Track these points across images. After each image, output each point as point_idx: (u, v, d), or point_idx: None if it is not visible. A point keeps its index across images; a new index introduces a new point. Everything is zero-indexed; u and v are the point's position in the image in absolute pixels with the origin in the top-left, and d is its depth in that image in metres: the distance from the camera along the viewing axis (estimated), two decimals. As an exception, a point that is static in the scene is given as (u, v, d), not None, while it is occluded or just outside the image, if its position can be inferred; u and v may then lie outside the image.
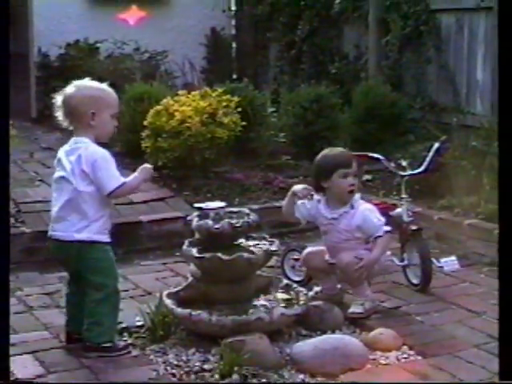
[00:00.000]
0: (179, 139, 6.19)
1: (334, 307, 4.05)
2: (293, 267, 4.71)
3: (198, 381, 3.46)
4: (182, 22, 10.46)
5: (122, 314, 3.92)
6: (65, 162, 3.70)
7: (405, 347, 3.77)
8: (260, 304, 3.96)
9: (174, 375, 3.51)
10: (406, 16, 7.96)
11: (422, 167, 4.79)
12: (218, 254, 3.78)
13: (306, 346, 3.64)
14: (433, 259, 4.57)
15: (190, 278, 4.08)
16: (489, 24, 7.15)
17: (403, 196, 4.71)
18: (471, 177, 5.63)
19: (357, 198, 4.18)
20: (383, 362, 3.64)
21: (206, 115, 6.27)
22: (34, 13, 9.41)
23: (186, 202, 5.98)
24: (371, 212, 4.14)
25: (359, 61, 8.77)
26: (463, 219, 5.41)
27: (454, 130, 6.63)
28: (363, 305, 4.11)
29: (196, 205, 4.24)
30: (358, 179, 4.21)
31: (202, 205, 4.13)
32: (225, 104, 6.46)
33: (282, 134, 7.51)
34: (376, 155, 4.76)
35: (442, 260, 4.65)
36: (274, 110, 7.69)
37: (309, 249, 4.40)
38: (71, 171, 3.66)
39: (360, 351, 3.64)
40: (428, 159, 4.79)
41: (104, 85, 3.83)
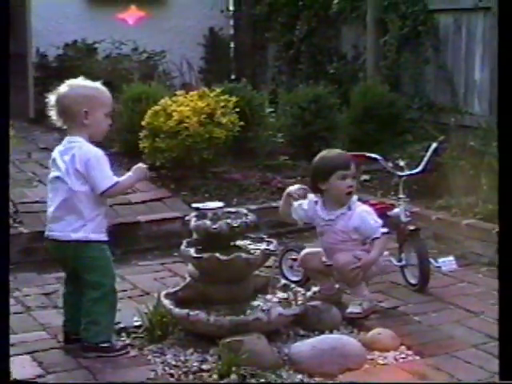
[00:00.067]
0: (177, 139, 6.19)
1: (332, 307, 4.05)
2: (291, 267, 4.71)
3: (196, 381, 3.46)
4: (180, 22, 10.44)
5: (120, 314, 3.93)
6: (59, 162, 3.70)
7: (403, 347, 3.77)
8: (258, 304, 3.96)
9: (172, 375, 3.51)
10: (404, 16, 7.96)
11: (420, 167, 4.80)
12: (216, 254, 3.78)
13: (304, 346, 3.64)
14: (431, 259, 4.57)
15: (188, 278, 4.08)
16: (487, 24, 7.15)
17: (401, 196, 4.71)
18: (469, 177, 5.63)
19: (354, 199, 4.18)
20: (381, 362, 3.64)
21: (204, 115, 6.27)
22: (32, 13, 9.36)
23: (184, 202, 5.98)
24: (368, 214, 4.15)
25: (357, 61, 8.77)
26: (461, 219, 5.41)
27: (452, 130, 6.62)
28: (361, 305, 4.11)
29: (194, 205, 4.24)
30: (355, 181, 4.22)
31: (200, 205, 4.13)
32: (223, 104, 6.45)
33: (280, 135, 7.50)
34: (374, 155, 4.75)
35: (440, 260, 4.65)
36: (272, 110, 7.68)
37: (306, 250, 4.40)
38: (66, 171, 3.66)
39: (358, 351, 3.64)
40: (426, 159, 4.79)
41: (97, 83, 3.82)
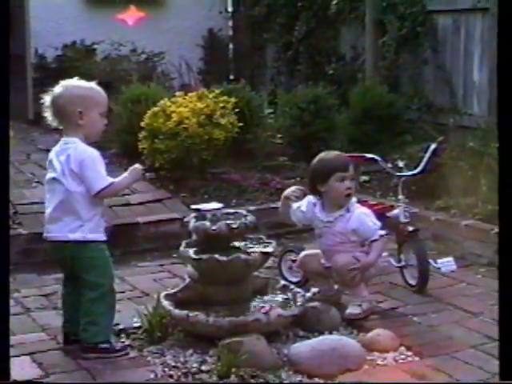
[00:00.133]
0: (176, 140, 6.19)
1: (332, 308, 4.04)
2: (290, 268, 4.71)
3: (195, 382, 3.46)
4: (179, 24, 10.46)
5: (120, 315, 3.93)
6: (55, 163, 3.69)
7: (402, 348, 3.77)
8: (257, 305, 3.96)
9: (171, 376, 3.51)
10: (402, 17, 7.97)
11: (419, 168, 4.79)
12: (215, 256, 3.78)
13: (303, 347, 3.63)
14: (430, 260, 4.57)
15: (188, 280, 4.08)
16: (485, 25, 7.15)
17: (400, 197, 4.71)
18: (468, 178, 5.63)
19: (353, 201, 4.18)
20: (381, 362, 3.64)
21: (203, 116, 6.27)
22: (30, 14, 9.37)
23: (183, 203, 5.98)
24: (367, 216, 4.14)
25: (356, 62, 8.77)
26: (460, 220, 5.41)
27: (451, 131, 6.63)
28: (360, 306, 4.11)
29: (193, 206, 4.24)
30: (354, 182, 4.22)
31: (199, 206, 4.13)
32: (222, 105, 6.46)
33: (279, 135, 7.51)
34: (373, 156, 4.75)
35: (439, 261, 4.65)
36: (271, 111, 7.69)
37: (305, 252, 4.40)
38: (61, 172, 3.66)
39: (357, 352, 3.64)
40: (425, 160, 4.78)
41: (92, 83, 3.81)
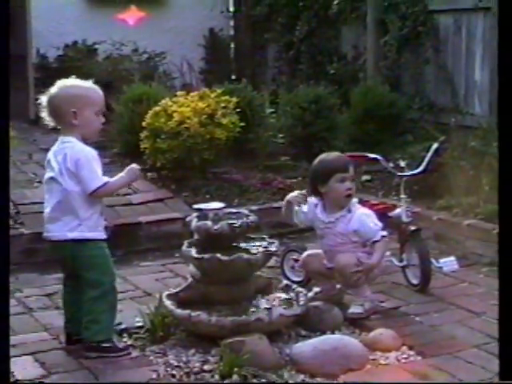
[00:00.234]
0: (178, 140, 6.19)
1: (334, 308, 4.04)
2: (292, 268, 4.71)
3: (198, 382, 3.46)
4: (180, 23, 10.45)
5: (122, 315, 3.93)
6: (53, 163, 3.70)
7: (404, 347, 3.77)
8: (259, 304, 3.96)
9: (173, 376, 3.51)
10: (404, 17, 7.97)
11: (421, 167, 4.79)
12: (218, 255, 3.78)
13: (305, 347, 3.63)
14: (432, 259, 4.57)
15: (190, 279, 4.08)
16: (487, 24, 7.15)
17: (402, 196, 4.71)
18: (470, 177, 5.63)
19: (354, 201, 4.18)
20: (383, 362, 3.64)
21: (204, 116, 6.27)
22: (32, 14, 9.38)
23: (185, 202, 5.98)
24: (368, 217, 4.14)
25: (357, 61, 8.76)
26: (462, 219, 5.41)
27: (453, 131, 6.62)
28: (363, 305, 4.11)
29: (195, 206, 4.24)
30: (354, 183, 4.21)
31: (201, 206, 4.13)
32: (223, 105, 6.46)
33: (281, 135, 7.50)
34: (375, 156, 4.76)
35: (441, 260, 4.64)
36: (272, 110, 7.68)
37: (308, 252, 4.40)
38: (59, 171, 3.67)
39: (360, 352, 3.64)
40: (427, 159, 4.79)
41: (88, 82, 3.80)
